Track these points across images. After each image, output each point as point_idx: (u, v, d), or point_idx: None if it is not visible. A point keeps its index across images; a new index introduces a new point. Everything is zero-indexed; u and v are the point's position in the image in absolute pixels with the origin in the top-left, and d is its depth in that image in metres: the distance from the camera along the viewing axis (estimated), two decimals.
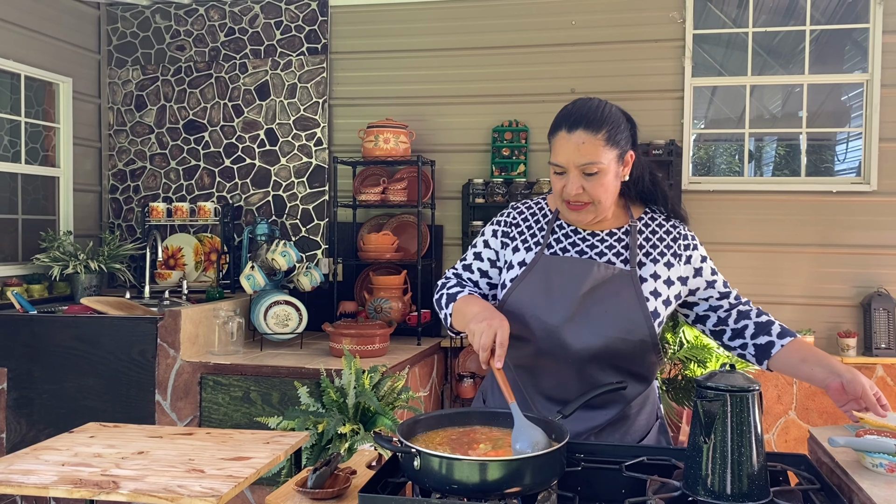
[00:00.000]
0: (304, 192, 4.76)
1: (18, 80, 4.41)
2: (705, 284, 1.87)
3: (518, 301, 1.80)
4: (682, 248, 1.86)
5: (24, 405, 3.80)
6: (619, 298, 1.76)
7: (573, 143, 1.73)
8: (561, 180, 1.77)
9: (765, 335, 1.80)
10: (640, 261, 1.81)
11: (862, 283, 4.21)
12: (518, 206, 1.97)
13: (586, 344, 1.74)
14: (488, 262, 1.93)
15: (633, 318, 1.75)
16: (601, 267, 1.78)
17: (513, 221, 1.93)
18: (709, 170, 4.64)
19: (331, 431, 2.57)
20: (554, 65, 4.49)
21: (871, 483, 1.43)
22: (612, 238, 1.84)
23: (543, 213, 1.93)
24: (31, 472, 1.75)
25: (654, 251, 1.83)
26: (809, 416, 4.12)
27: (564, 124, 1.76)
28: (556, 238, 1.87)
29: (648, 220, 1.88)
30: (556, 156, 1.76)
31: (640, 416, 1.88)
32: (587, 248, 1.83)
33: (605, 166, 1.73)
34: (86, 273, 4.32)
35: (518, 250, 1.88)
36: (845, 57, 4.49)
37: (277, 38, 4.81)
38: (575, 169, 1.73)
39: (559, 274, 1.79)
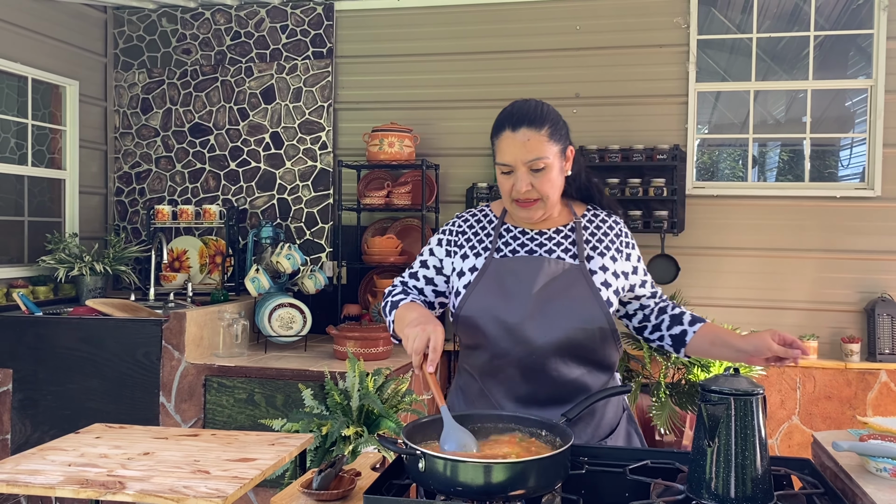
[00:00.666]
0: (308, 196, 4.77)
1: (26, 82, 4.43)
2: (640, 283, 1.95)
3: (475, 305, 1.84)
4: (624, 245, 1.94)
5: (29, 406, 3.81)
6: (573, 291, 1.82)
7: (519, 140, 1.79)
8: (509, 179, 1.83)
9: (678, 325, 1.90)
10: (588, 255, 1.88)
11: (866, 288, 4.21)
12: (463, 214, 2.03)
13: (548, 338, 1.79)
14: (434, 269, 1.97)
15: (590, 307, 1.81)
16: (552, 262, 1.84)
17: (458, 230, 1.98)
18: (712, 175, 4.65)
19: (335, 434, 2.57)
20: (558, 69, 4.50)
21: (876, 487, 1.44)
22: (559, 235, 1.91)
23: (489, 219, 1.99)
24: (37, 473, 1.76)
25: (601, 245, 1.90)
26: (813, 420, 4.12)
27: (507, 124, 1.82)
28: (504, 241, 1.92)
29: (592, 217, 1.96)
30: (503, 156, 1.82)
31: (607, 408, 1.92)
32: (536, 246, 1.89)
33: (551, 161, 1.81)
34: (91, 275, 4.34)
35: (467, 257, 1.92)
36: (849, 62, 4.49)
37: (283, 42, 4.83)
38: (523, 166, 1.80)
39: (512, 274, 1.84)
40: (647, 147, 4.30)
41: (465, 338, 1.91)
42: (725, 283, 4.36)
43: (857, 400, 4.07)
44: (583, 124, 4.44)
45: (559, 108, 4.85)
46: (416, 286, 1.99)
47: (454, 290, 1.92)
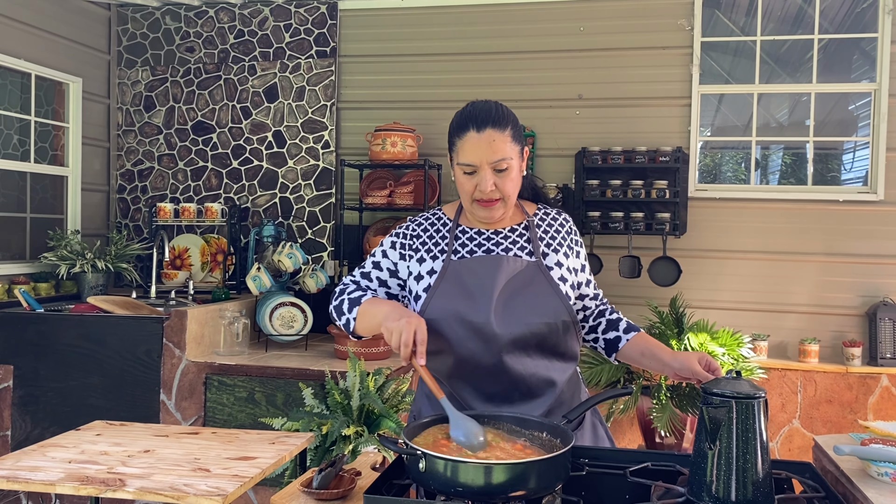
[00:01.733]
0: (310, 195, 4.77)
1: (29, 79, 4.43)
2: (585, 281, 1.97)
3: (439, 307, 1.83)
4: (574, 243, 1.97)
5: (30, 403, 3.81)
6: (534, 287, 1.84)
7: (485, 141, 1.79)
8: (472, 180, 1.82)
9: (613, 331, 1.94)
10: (543, 251, 1.90)
11: (868, 292, 4.20)
12: (416, 218, 2.01)
13: (513, 332, 1.79)
14: (387, 271, 1.96)
15: (552, 302, 1.83)
16: (510, 260, 1.85)
17: (413, 234, 1.97)
18: (715, 177, 4.64)
19: (335, 433, 2.57)
20: (562, 71, 4.50)
21: (877, 492, 1.43)
22: (514, 234, 1.92)
23: (442, 221, 1.98)
24: (38, 469, 1.76)
25: (553, 242, 1.93)
26: (813, 424, 4.11)
27: (472, 125, 1.81)
28: (461, 243, 1.92)
29: (543, 216, 1.99)
30: (467, 156, 1.81)
31: (573, 400, 1.92)
32: (493, 246, 1.90)
33: (513, 162, 1.82)
34: (93, 272, 4.34)
35: (424, 261, 1.91)
36: (853, 66, 4.48)
37: (286, 41, 4.83)
38: (487, 166, 1.79)
39: (472, 274, 1.84)
40: (649, 149, 4.29)
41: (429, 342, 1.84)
42: (727, 286, 4.36)
43: (858, 404, 4.07)
44: (586, 126, 4.44)
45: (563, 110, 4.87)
46: (368, 286, 1.96)
47: (413, 295, 1.91)
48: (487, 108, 1.84)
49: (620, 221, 4.29)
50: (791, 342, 4.29)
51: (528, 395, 1.85)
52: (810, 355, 4.14)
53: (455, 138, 1.84)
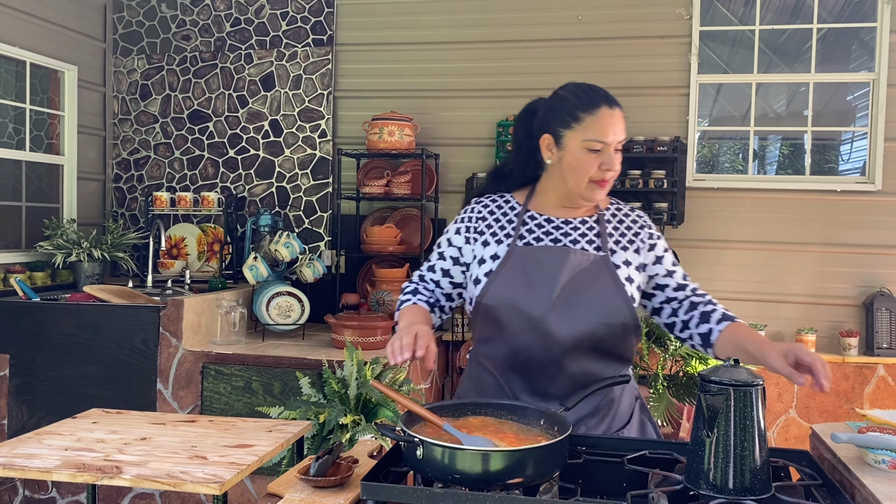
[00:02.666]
0: (307, 184, 4.76)
1: (24, 67, 4.41)
2: (665, 272, 1.89)
3: (497, 294, 1.79)
4: (647, 238, 1.89)
5: (26, 392, 3.81)
6: (598, 284, 1.77)
7: (617, 118, 1.78)
8: (597, 158, 1.77)
9: (705, 323, 1.80)
10: (612, 248, 1.84)
11: (865, 282, 4.21)
12: (482, 200, 1.96)
13: (571, 332, 1.75)
14: (451, 259, 1.93)
15: (614, 302, 1.77)
16: (577, 254, 1.79)
17: (478, 216, 1.92)
18: (713, 167, 4.64)
19: (332, 422, 2.57)
20: (560, 60, 4.48)
21: (874, 479, 1.43)
22: (584, 226, 1.87)
23: (510, 205, 1.92)
24: (34, 457, 1.76)
25: (623, 239, 1.87)
26: (810, 414, 4.12)
27: (604, 102, 1.79)
28: (528, 229, 1.87)
29: (615, 210, 1.93)
30: (599, 132, 1.76)
31: (623, 399, 1.90)
32: (560, 235, 1.85)
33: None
34: (89, 261, 4.33)
35: (488, 244, 1.87)
36: (852, 56, 4.47)
37: (283, 30, 4.81)
38: (616, 144, 1.78)
39: (537, 263, 1.79)
40: (647, 139, 4.29)
41: (484, 328, 1.85)
42: (725, 276, 4.36)
43: (855, 394, 4.08)
44: None
45: None
46: (432, 279, 1.95)
47: (473, 279, 1.87)
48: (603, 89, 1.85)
49: None
50: (788, 332, 4.29)
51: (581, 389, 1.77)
52: (807, 345, 4.14)
53: (582, 113, 1.78)
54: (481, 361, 1.92)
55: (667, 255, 1.90)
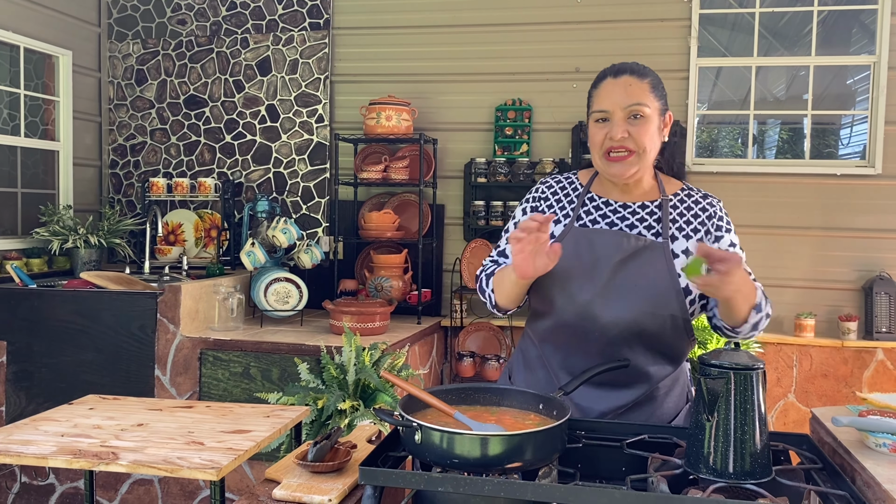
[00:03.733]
0: (305, 170, 4.73)
1: (18, 52, 4.37)
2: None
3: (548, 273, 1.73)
4: (714, 228, 1.81)
5: (24, 379, 3.80)
6: (649, 271, 1.71)
7: (620, 85, 1.73)
8: (603, 129, 1.74)
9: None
10: (673, 234, 1.76)
11: (864, 266, 4.20)
12: (547, 180, 1.93)
13: (615, 317, 1.71)
14: None
15: (663, 291, 1.70)
16: (632, 238, 1.73)
17: (542, 196, 1.90)
18: (712, 152, 4.61)
19: (331, 407, 2.57)
20: (559, 43, 4.44)
21: (875, 462, 1.43)
22: (644, 211, 1.80)
23: (573, 186, 1.89)
24: (30, 443, 1.75)
25: (688, 227, 1.79)
26: (809, 398, 4.12)
27: (609, 73, 1.77)
28: (586, 210, 1.83)
29: (684, 197, 1.84)
30: (601, 102, 1.75)
31: (668, 398, 1.83)
32: (618, 219, 1.80)
33: (650, 112, 1.72)
34: (85, 248, 4.31)
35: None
36: (852, 39, 4.44)
37: (279, 13, 4.77)
38: (620, 112, 1.72)
39: (589, 245, 1.75)
40: None
41: (535, 302, 1.84)
42: None
43: (854, 378, 4.08)
44: (583, 99, 4.35)
45: (560, 83, 4.84)
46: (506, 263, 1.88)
47: None
48: (626, 62, 1.80)
49: None
50: (787, 316, 4.29)
51: (616, 384, 1.76)
52: (806, 329, 4.14)
53: (593, 90, 1.79)
54: (530, 335, 1.91)
55: (734, 249, 1.80)
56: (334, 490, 1.50)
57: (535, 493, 1.27)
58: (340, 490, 1.51)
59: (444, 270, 4.60)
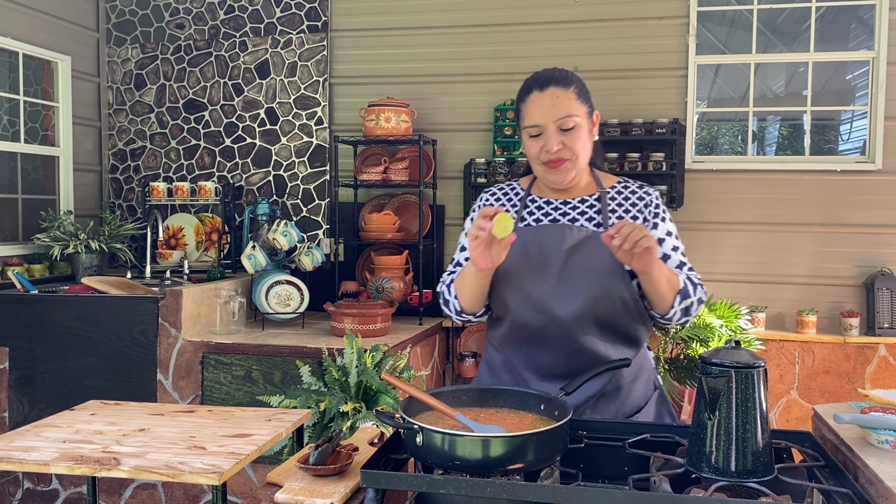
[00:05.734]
0: (304, 172, 4.73)
1: (17, 58, 4.37)
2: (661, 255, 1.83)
3: (500, 275, 1.82)
4: (651, 216, 1.88)
5: (26, 384, 3.80)
6: (595, 258, 1.78)
7: (548, 99, 1.77)
8: (538, 142, 1.80)
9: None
10: (613, 223, 1.84)
11: (865, 262, 4.19)
12: (491, 189, 2.01)
13: (570, 309, 1.77)
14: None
15: (609, 274, 1.77)
16: (574, 230, 1.81)
17: (487, 204, 1.98)
18: (712, 149, 4.61)
19: (333, 410, 2.57)
20: (557, 42, 4.44)
21: (877, 459, 1.42)
22: (584, 205, 1.88)
23: (515, 191, 1.97)
24: (32, 449, 1.75)
25: (627, 215, 1.87)
26: (811, 395, 4.12)
27: (535, 86, 1.81)
28: (529, 211, 1.91)
29: (621, 188, 1.92)
30: (531, 117, 1.80)
31: (635, 385, 1.88)
32: (559, 216, 1.88)
33: (580, 121, 1.79)
34: (86, 253, 4.31)
35: None
36: (851, 35, 4.44)
37: (277, 16, 4.77)
38: (552, 125, 1.77)
39: (535, 243, 1.82)
40: (646, 121, 4.26)
41: (493, 309, 1.90)
42: (725, 258, 4.34)
43: (856, 374, 4.07)
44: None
45: None
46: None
47: None
48: (549, 71, 1.84)
49: None
50: (789, 313, 4.28)
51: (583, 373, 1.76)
52: (808, 326, 4.13)
53: (520, 104, 1.84)
54: (492, 342, 1.96)
55: (669, 238, 1.87)
56: (336, 493, 1.50)
57: (538, 493, 1.27)
58: (342, 493, 1.51)
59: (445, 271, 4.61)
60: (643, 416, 1.89)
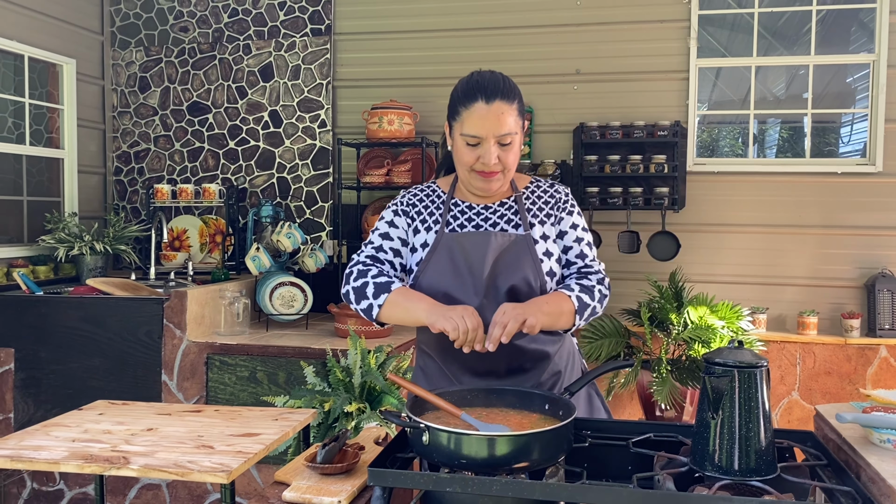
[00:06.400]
0: (308, 174, 4.76)
1: (22, 61, 4.40)
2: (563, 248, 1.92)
3: (428, 283, 1.85)
4: (560, 210, 1.93)
5: (32, 385, 3.82)
6: (519, 262, 1.83)
7: (493, 113, 1.77)
8: (474, 151, 1.80)
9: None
10: (531, 223, 1.89)
11: (866, 264, 4.21)
12: (411, 189, 2.01)
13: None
14: (399, 240, 1.94)
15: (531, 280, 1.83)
16: (497, 236, 1.84)
17: (410, 202, 1.96)
18: (713, 152, 4.63)
19: (337, 410, 2.58)
20: (559, 45, 4.46)
21: (879, 458, 1.44)
22: (504, 208, 1.92)
23: (437, 194, 1.98)
24: (41, 448, 1.77)
25: (541, 213, 1.91)
26: (813, 396, 4.13)
27: (481, 95, 1.78)
28: (453, 215, 1.92)
29: (534, 188, 1.96)
30: (473, 127, 1.78)
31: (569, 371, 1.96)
32: (482, 221, 1.90)
33: (517, 136, 1.81)
34: (91, 254, 4.33)
35: (419, 232, 1.92)
36: (851, 38, 4.46)
37: (281, 19, 4.79)
38: (493, 139, 1.78)
39: (462, 250, 1.84)
40: (647, 123, 4.28)
41: None
42: (726, 260, 4.36)
43: (857, 375, 4.09)
44: (583, 100, 4.42)
45: (560, 85, 4.86)
46: (386, 259, 1.91)
47: (407, 268, 1.94)
48: (495, 79, 1.81)
49: (619, 197, 4.29)
50: (790, 315, 4.30)
51: (519, 369, 1.87)
52: (809, 327, 4.15)
53: (461, 107, 1.80)
54: (423, 349, 1.99)
55: (574, 231, 1.92)
56: (344, 491, 1.52)
57: (543, 492, 1.28)
58: (350, 491, 1.52)
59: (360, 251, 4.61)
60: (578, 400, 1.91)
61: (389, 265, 1.92)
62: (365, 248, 1.95)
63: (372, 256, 1.93)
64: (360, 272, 1.88)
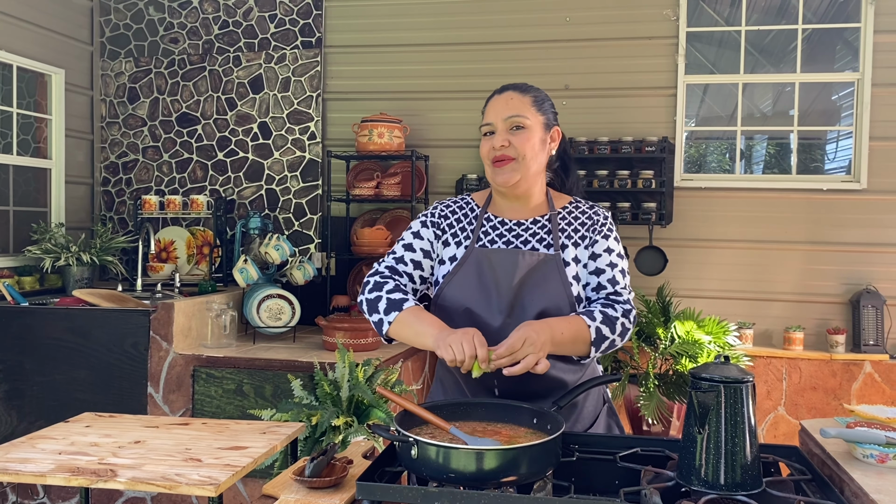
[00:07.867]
0: (297, 186, 4.76)
1: (10, 70, 4.39)
2: (594, 269, 1.86)
3: (452, 297, 1.84)
4: (595, 233, 1.88)
5: (16, 397, 3.79)
6: (546, 284, 1.80)
7: (502, 100, 1.86)
8: (489, 141, 1.87)
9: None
10: (563, 244, 1.86)
11: (851, 280, 4.25)
12: (445, 201, 2.01)
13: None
14: (421, 252, 1.92)
15: (559, 303, 1.79)
16: (526, 255, 1.82)
17: (441, 214, 1.96)
18: (700, 167, 4.67)
19: (325, 424, 2.57)
20: (548, 61, 4.50)
21: (862, 473, 1.46)
22: (536, 226, 1.90)
23: (470, 207, 1.97)
24: (28, 461, 1.75)
25: (576, 235, 1.88)
26: (798, 411, 4.16)
27: (496, 92, 1.91)
28: (484, 231, 1.91)
29: (572, 209, 1.93)
30: (486, 116, 1.88)
31: (587, 401, 1.91)
32: (513, 237, 1.88)
33: (531, 123, 1.83)
34: (77, 265, 4.31)
35: (448, 245, 1.91)
36: (836, 56, 4.52)
37: (271, 32, 4.81)
38: (502, 123, 1.84)
39: (490, 267, 1.82)
40: (635, 139, 4.31)
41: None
42: (712, 275, 4.39)
43: (842, 390, 4.12)
44: (572, 116, 4.45)
45: None
46: (405, 271, 1.91)
47: (434, 280, 1.92)
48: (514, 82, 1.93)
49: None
50: (776, 330, 4.33)
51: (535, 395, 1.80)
52: (795, 343, 4.18)
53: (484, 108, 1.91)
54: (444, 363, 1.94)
55: (605, 255, 1.86)
56: None
57: None
58: None
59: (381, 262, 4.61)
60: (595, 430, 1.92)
61: (408, 278, 1.91)
62: (387, 258, 1.96)
63: (391, 268, 1.93)
64: (376, 284, 1.88)
